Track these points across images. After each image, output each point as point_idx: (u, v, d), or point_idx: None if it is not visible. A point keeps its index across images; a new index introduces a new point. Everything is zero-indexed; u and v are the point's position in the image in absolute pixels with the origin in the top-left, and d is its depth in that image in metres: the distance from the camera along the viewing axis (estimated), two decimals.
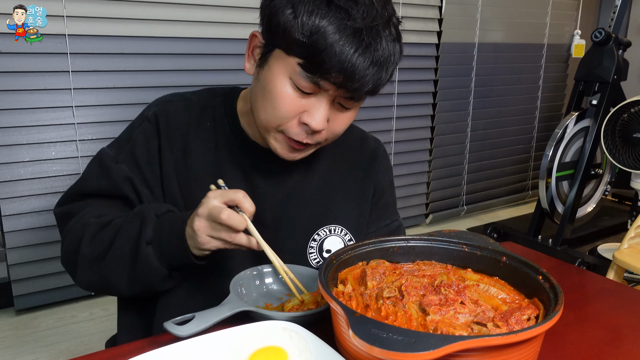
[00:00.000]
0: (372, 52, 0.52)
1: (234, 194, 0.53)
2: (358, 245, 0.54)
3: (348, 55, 0.51)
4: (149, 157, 0.63)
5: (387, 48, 0.53)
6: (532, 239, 1.97)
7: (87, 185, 0.64)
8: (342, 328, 0.42)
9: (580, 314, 0.57)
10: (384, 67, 0.54)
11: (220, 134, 0.66)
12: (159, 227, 0.56)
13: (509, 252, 0.53)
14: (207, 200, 0.53)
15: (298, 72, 0.54)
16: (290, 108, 0.56)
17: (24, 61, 1.32)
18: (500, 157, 2.47)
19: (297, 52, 0.53)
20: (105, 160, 0.63)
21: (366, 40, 0.51)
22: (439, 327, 0.42)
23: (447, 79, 2.15)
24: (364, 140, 0.74)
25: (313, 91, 0.55)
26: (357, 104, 0.59)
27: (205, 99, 0.68)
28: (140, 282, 0.57)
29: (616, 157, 1.79)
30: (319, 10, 0.51)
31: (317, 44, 0.51)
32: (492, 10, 2.23)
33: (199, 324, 0.47)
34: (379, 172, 0.73)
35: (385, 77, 0.55)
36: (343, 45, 0.50)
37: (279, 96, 0.56)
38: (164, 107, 0.66)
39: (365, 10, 0.51)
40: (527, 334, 0.38)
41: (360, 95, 0.55)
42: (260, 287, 0.59)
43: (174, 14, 1.49)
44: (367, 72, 0.52)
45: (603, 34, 1.82)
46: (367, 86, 0.54)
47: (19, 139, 1.36)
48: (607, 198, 2.41)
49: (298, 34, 0.52)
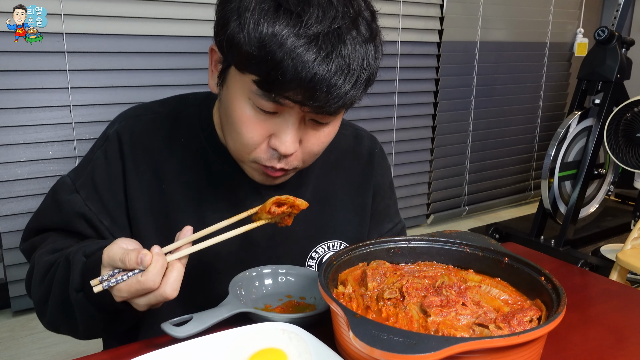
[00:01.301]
0: (333, 61, 0.43)
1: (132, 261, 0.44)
2: (358, 246, 0.54)
3: (304, 68, 0.43)
4: (110, 180, 0.57)
5: (354, 53, 0.45)
6: (535, 240, 1.97)
7: (41, 221, 0.59)
8: (343, 330, 0.42)
9: (583, 315, 0.57)
10: (353, 76, 0.45)
11: (197, 151, 0.58)
12: (87, 271, 0.48)
13: (511, 253, 0.52)
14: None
15: (254, 90, 0.47)
16: (254, 133, 0.49)
17: (21, 60, 1.32)
18: (502, 157, 2.46)
19: (249, 67, 0.46)
20: (59, 193, 0.58)
21: (324, 47, 0.43)
22: (440, 328, 0.42)
23: (448, 77, 2.14)
24: (358, 139, 0.68)
25: (276, 110, 0.48)
26: (335, 117, 0.51)
27: (176, 110, 0.60)
28: (89, 327, 0.51)
29: (619, 156, 1.78)
30: (266, 18, 0.43)
31: (267, 57, 0.43)
32: (494, 8, 2.22)
33: (197, 325, 0.46)
34: (377, 175, 0.68)
35: (357, 88, 0.46)
36: (297, 57, 0.43)
37: (240, 120, 0.49)
38: (128, 123, 0.59)
39: (321, 12, 0.43)
40: (530, 335, 0.38)
41: (331, 111, 0.47)
42: (259, 288, 0.58)
43: (172, 12, 1.48)
44: (331, 84, 0.44)
45: (606, 33, 1.81)
46: (334, 102, 0.45)
47: (15, 139, 1.36)
48: (610, 198, 2.41)
49: (246, 46, 0.44)
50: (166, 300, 0.46)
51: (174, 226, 0.57)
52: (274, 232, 0.61)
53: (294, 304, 0.56)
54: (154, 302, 0.46)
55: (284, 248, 0.62)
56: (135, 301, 0.46)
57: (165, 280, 0.45)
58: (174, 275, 0.45)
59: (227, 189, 0.59)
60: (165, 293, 0.45)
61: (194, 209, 0.58)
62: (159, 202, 0.58)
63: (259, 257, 0.60)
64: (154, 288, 0.44)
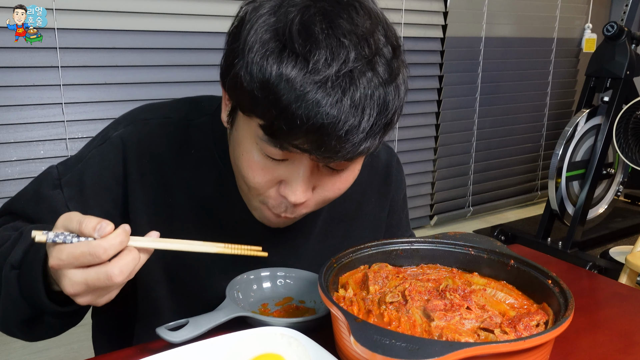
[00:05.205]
0: (344, 107, 0.40)
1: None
2: (359, 248, 0.53)
3: (312, 114, 0.39)
4: (100, 187, 0.53)
5: (369, 97, 0.41)
6: (541, 242, 1.95)
7: (15, 205, 0.54)
8: (343, 334, 0.42)
9: (592, 319, 0.56)
10: (368, 122, 0.41)
11: (208, 164, 0.55)
12: (33, 249, 0.43)
13: (517, 255, 0.52)
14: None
15: (260, 136, 0.43)
16: (263, 180, 0.46)
17: (11, 56, 1.29)
18: (508, 156, 2.44)
19: (254, 111, 0.43)
20: (42, 184, 0.53)
21: (334, 93, 0.39)
22: (444, 333, 0.42)
23: (452, 74, 2.12)
24: (374, 153, 0.65)
25: (286, 157, 0.45)
26: (353, 162, 0.47)
27: (188, 116, 0.56)
28: (6, 316, 0.45)
29: (629, 156, 1.76)
30: (270, 59, 0.40)
31: (271, 101, 0.40)
32: (499, 2, 2.19)
33: (192, 330, 0.45)
34: (393, 191, 0.65)
35: (373, 135, 0.42)
36: (304, 103, 0.39)
37: (248, 165, 0.46)
38: (135, 128, 0.55)
39: (330, 55, 0.39)
40: (536, 340, 0.37)
41: (346, 159, 0.43)
42: (257, 291, 0.57)
43: (168, 7, 1.46)
44: (342, 132, 0.40)
45: (615, 28, 1.79)
46: (346, 151, 0.42)
47: (6, 137, 1.33)
48: (620, 199, 2.38)
49: (250, 87, 0.41)
50: (108, 283, 0.38)
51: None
52: (287, 250, 0.59)
53: (293, 308, 0.55)
54: (94, 280, 0.38)
55: (296, 266, 0.59)
56: (72, 273, 0.39)
57: (117, 259, 0.39)
58: (127, 258, 0.39)
59: (239, 205, 0.55)
60: (111, 271, 0.38)
61: (203, 224, 0.55)
62: (164, 215, 0.55)
63: None
64: (101, 259, 0.38)
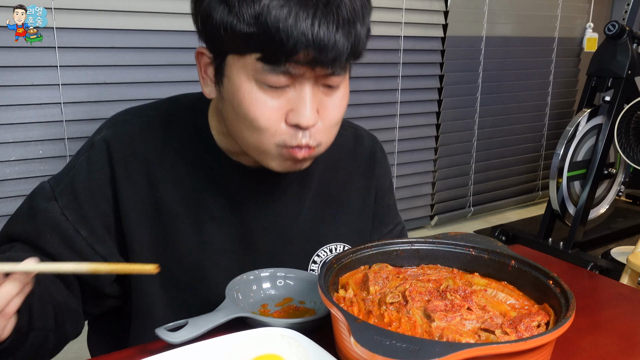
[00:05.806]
0: (334, 10, 0.45)
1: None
2: (360, 249, 0.53)
3: (307, 23, 0.44)
4: (92, 189, 0.54)
5: (350, 0, 0.46)
6: (542, 242, 1.94)
7: (12, 228, 0.54)
8: (343, 335, 0.42)
9: (593, 320, 0.56)
10: (356, 22, 0.46)
11: (193, 156, 0.57)
12: None
13: (518, 256, 0.51)
14: None
15: (261, 68, 0.46)
16: (270, 114, 0.48)
17: (9, 55, 1.29)
18: (509, 156, 2.43)
19: (250, 46, 0.46)
20: (36, 199, 0.54)
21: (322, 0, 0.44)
22: (445, 334, 0.42)
23: (453, 74, 2.12)
24: (358, 140, 0.67)
25: (288, 83, 0.48)
26: (343, 76, 0.50)
27: (168, 113, 0.58)
28: None
29: (630, 155, 1.75)
30: None
31: (267, 26, 0.44)
32: (500, 1, 2.18)
33: (192, 331, 0.45)
34: (378, 176, 0.68)
35: (361, 32, 0.47)
36: (297, 15, 0.43)
37: (252, 105, 0.48)
38: (117, 129, 0.56)
39: None
40: (537, 341, 0.37)
41: (342, 65, 0.47)
42: (257, 292, 0.57)
43: (167, 6, 1.46)
44: (338, 34, 0.45)
45: (616, 27, 1.78)
46: (345, 51, 0.46)
47: (4, 137, 1.32)
48: (621, 199, 2.37)
49: (241, 26, 0.45)
50: None
51: (170, 234, 0.55)
52: (275, 235, 0.60)
53: (293, 309, 0.55)
54: None
55: (285, 252, 0.61)
56: None
57: None
58: (4, 289, 0.40)
59: (226, 194, 0.57)
60: None
61: (191, 216, 0.57)
62: (153, 211, 0.56)
63: (258, 260, 0.59)
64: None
